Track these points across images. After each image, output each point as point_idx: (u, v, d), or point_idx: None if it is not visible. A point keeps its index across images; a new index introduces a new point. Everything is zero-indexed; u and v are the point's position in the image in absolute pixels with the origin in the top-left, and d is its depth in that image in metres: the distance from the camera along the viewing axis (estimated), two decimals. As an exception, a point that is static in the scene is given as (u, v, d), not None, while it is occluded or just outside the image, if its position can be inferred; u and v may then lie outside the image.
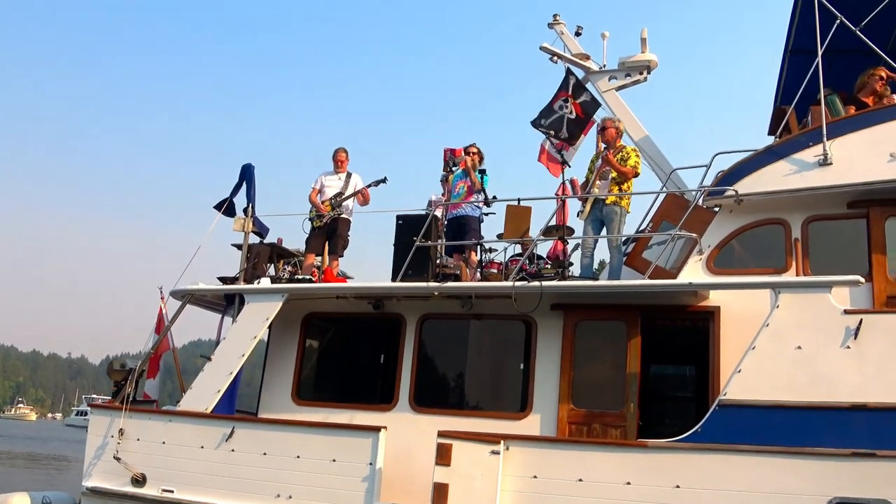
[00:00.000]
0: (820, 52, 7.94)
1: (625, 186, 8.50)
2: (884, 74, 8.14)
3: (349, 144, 9.95)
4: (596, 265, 8.68)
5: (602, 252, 8.71)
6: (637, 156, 8.69)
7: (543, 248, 10.36)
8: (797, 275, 7.60)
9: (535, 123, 10.49)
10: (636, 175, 8.59)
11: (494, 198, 9.03)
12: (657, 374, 10.93)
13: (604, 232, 8.46)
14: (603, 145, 8.73)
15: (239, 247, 9.86)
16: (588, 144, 10.35)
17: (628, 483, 6.64)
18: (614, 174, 8.53)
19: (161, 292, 10.03)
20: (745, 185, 7.89)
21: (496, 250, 10.32)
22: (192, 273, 10.15)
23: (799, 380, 6.57)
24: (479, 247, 9.09)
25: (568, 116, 10.58)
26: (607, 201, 8.46)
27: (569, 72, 10.59)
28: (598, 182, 8.61)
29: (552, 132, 10.34)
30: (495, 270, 9.19)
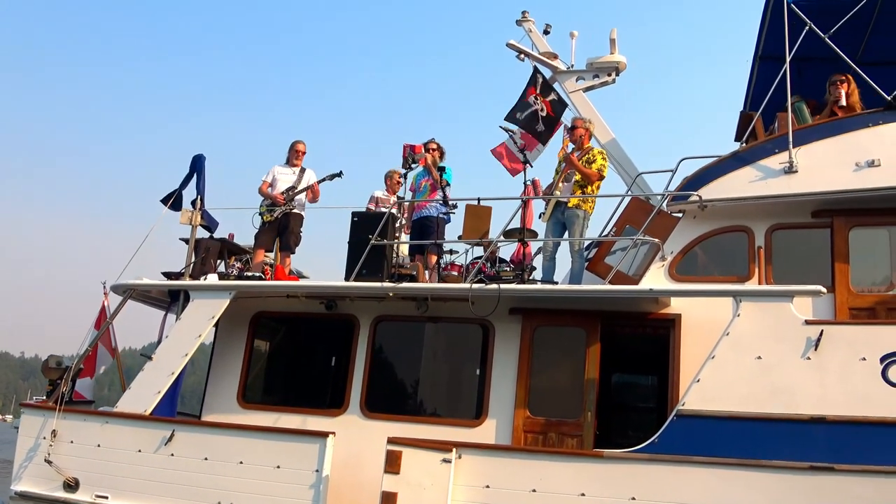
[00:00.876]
0: (788, 59, 8.00)
1: (589, 189, 8.46)
2: (844, 80, 8.17)
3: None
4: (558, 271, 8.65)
5: (564, 256, 8.66)
6: (603, 158, 8.66)
7: (507, 252, 10.37)
8: (760, 283, 7.62)
9: (511, 117, 10.44)
10: (601, 178, 8.56)
11: (455, 205, 8.92)
12: (617, 383, 10.93)
13: (566, 235, 8.40)
14: (570, 146, 8.67)
15: (187, 241, 9.62)
16: (552, 146, 10.32)
17: (583, 494, 6.57)
18: (578, 177, 8.49)
19: (105, 287, 9.76)
20: (710, 191, 7.90)
21: (457, 252, 10.31)
22: (143, 269, 9.94)
23: (758, 391, 6.56)
24: (438, 248, 8.96)
25: (540, 113, 10.57)
26: (569, 204, 8.41)
27: (536, 70, 10.55)
28: (560, 184, 8.56)
29: (526, 126, 10.31)
30: (455, 273, 9.10)
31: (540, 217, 8.56)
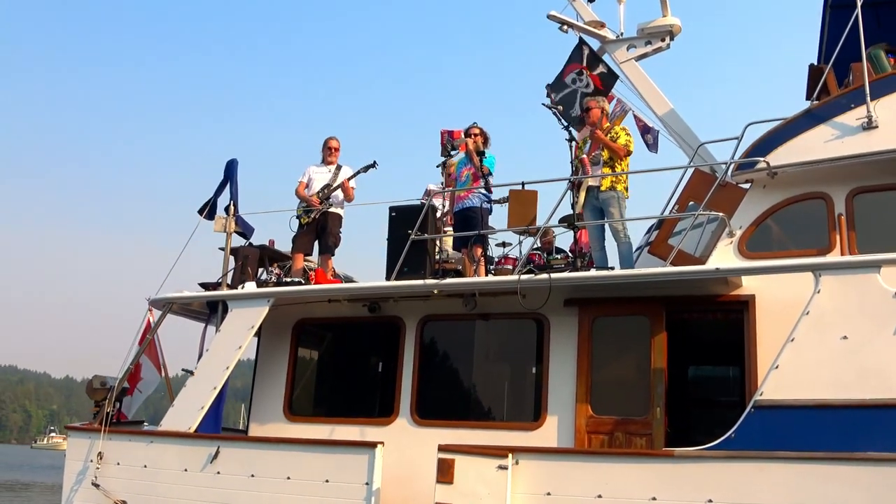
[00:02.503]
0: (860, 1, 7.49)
1: (618, 168, 8.14)
2: None
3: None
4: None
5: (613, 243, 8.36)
6: (627, 134, 8.39)
7: (566, 242, 10.10)
8: (843, 255, 7.14)
9: (549, 99, 10.16)
10: (629, 154, 8.27)
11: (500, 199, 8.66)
12: (695, 376, 10.50)
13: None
14: (589, 129, 8.36)
15: (231, 251, 9.65)
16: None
17: (654, 499, 6.28)
18: (605, 156, 8.18)
19: (148, 303, 9.88)
20: (779, 156, 7.45)
21: (510, 244, 10.08)
22: (186, 282, 10.03)
23: (846, 375, 6.16)
24: (483, 240, 8.74)
25: (583, 90, 10.25)
26: (602, 187, 8.12)
27: (581, 42, 10.26)
28: (589, 168, 8.24)
29: (561, 108, 10.02)
30: (510, 266, 8.88)
31: (572, 207, 8.22)
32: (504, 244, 10.40)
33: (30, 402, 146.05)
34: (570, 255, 9.10)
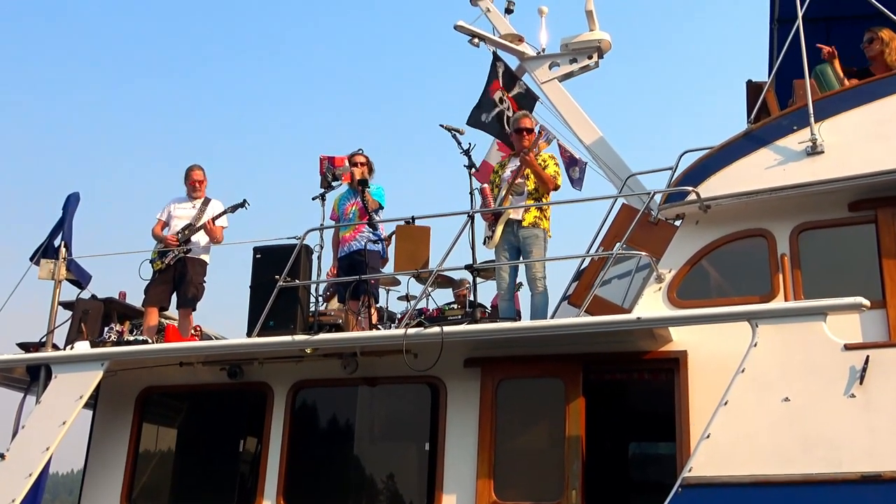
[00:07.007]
0: (801, 12, 7.45)
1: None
2: (885, 36, 7.60)
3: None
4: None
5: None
6: (556, 164, 8.29)
7: (487, 297, 9.77)
8: (787, 301, 6.92)
9: (474, 121, 9.98)
10: (556, 188, 8.14)
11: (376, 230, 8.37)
12: (634, 454, 10.19)
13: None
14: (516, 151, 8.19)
15: (65, 305, 9.06)
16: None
17: None
18: (531, 186, 7.92)
19: None
20: (713, 187, 7.27)
21: (414, 297, 9.69)
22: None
23: (788, 444, 5.91)
24: (372, 288, 8.33)
25: (507, 113, 10.13)
26: (524, 222, 7.89)
27: (496, 57, 10.10)
28: (509, 198, 7.98)
29: (496, 131, 9.89)
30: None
31: (484, 244, 7.94)
32: (408, 297, 10.02)
33: None
34: (487, 310, 8.75)
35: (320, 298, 8.68)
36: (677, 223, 7.62)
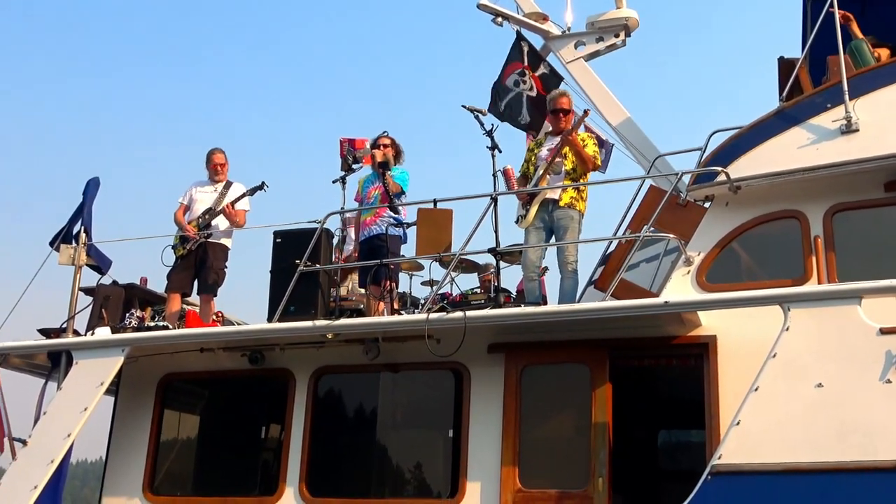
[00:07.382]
0: None
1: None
2: None
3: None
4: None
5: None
6: (595, 143, 8.21)
7: (512, 281, 9.71)
8: (820, 284, 6.81)
9: (494, 110, 9.92)
10: (596, 168, 8.10)
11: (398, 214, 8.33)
12: (664, 442, 10.13)
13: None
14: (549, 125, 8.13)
15: (86, 291, 9.11)
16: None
17: None
18: (569, 165, 7.81)
19: None
20: (743, 167, 7.20)
21: (436, 281, 9.66)
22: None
23: (821, 432, 5.82)
24: (393, 272, 8.30)
25: (528, 94, 10.05)
26: (561, 202, 7.80)
27: (520, 36, 10.05)
28: (547, 177, 7.90)
29: (512, 118, 9.85)
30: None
31: (517, 222, 7.88)
32: (432, 282, 9.98)
33: None
34: (510, 295, 8.69)
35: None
36: (707, 205, 7.55)
